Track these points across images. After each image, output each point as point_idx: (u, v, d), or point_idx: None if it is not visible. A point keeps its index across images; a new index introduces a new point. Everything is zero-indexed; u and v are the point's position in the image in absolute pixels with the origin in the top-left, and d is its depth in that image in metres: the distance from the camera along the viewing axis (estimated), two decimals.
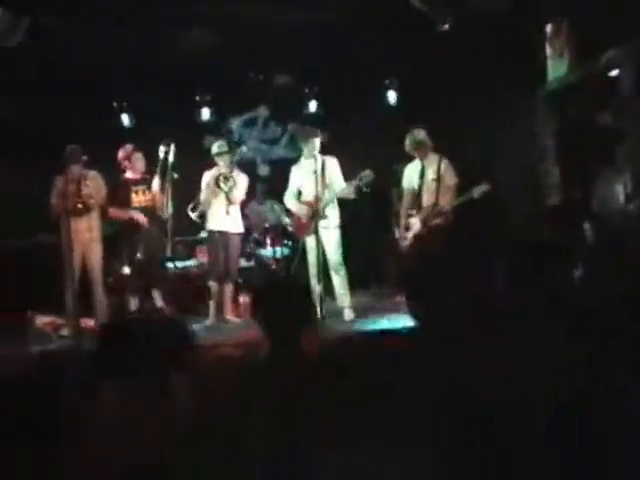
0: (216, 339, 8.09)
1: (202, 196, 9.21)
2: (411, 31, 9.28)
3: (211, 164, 9.35)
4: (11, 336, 8.22)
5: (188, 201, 9.29)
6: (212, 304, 9.15)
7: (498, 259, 3.68)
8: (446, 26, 8.34)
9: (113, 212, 9.15)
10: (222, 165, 9.20)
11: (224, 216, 9.15)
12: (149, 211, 9.13)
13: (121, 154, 9.24)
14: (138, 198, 9.15)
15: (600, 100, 9.05)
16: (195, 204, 9.21)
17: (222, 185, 9.03)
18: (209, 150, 9.51)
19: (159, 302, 9.17)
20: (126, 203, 9.15)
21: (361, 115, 11.29)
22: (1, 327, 8.24)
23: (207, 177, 9.24)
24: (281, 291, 3.66)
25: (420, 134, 8.87)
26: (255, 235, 10.84)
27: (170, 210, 8.73)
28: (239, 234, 9.38)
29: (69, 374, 3.36)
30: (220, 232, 9.19)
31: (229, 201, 9.07)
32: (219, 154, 9.22)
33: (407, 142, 8.92)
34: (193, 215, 9.26)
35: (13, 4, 7.82)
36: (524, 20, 9.08)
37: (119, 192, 9.15)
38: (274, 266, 10.49)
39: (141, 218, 9.08)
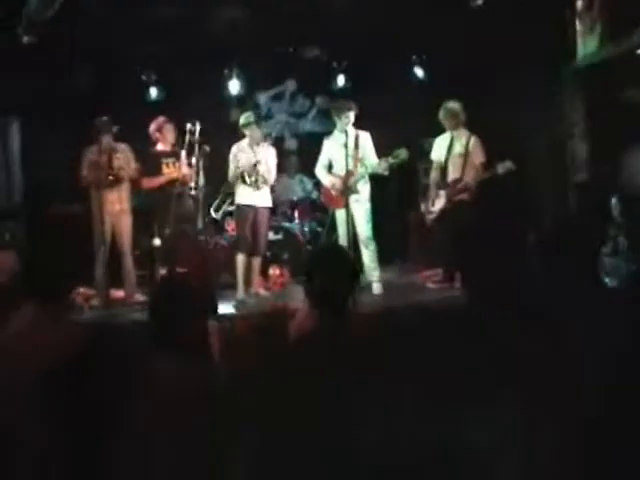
0: (249, 311, 8.16)
1: (230, 174, 9.22)
2: (442, 6, 9.26)
3: (239, 137, 9.33)
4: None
5: (216, 174, 9.33)
6: (240, 277, 9.07)
7: (527, 236, 3.71)
8: (479, 1, 8.31)
9: (146, 182, 9.16)
10: (250, 136, 9.18)
11: (252, 191, 9.12)
12: (179, 183, 9.13)
13: (152, 126, 9.25)
14: (169, 170, 9.12)
15: (630, 77, 9.03)
16: (218, 204, 9.23)
17: (247, 179, 9.05)
18: (236, 123, 9.51)
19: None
20: (157, 175, 9.16)
21: (389, 90, 11.24)
22: None
23: (235, 150, 9.23)
24: (332, 260, 3.69)
25: (455, 105, 8.91)
26: (283, 208, 10.84)
27: (202, 182, 8.77)
28: (268, 208, 9.34)
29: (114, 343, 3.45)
30: (248, 206, 9.15)
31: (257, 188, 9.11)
32: (246, 124, 9.20)
33: (441, 111, 8.97)
34: (217, 215, 9.28)
35: None
36: None
37: (150, 164, 9.17)
38: (302, 239, 10.50)
39: (176, 173, 9.06)
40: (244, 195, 9.17)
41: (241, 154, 9.17)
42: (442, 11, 9.47)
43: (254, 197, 9.14)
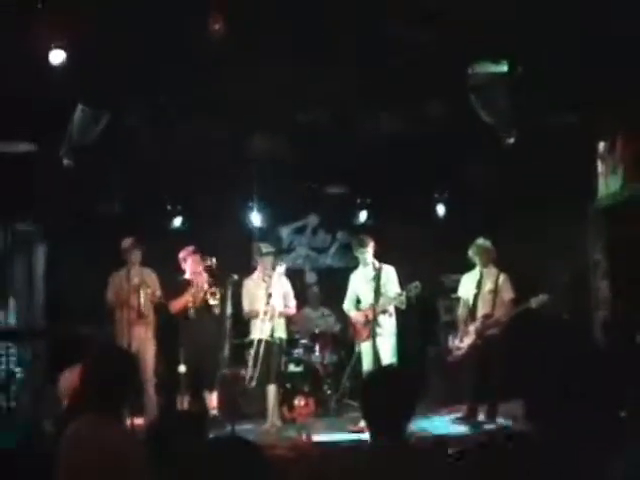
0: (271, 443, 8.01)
1: (245, 307, 9.39)
2: (471, 144, 9.49)
3: (251, 270, 9.54)
4: None
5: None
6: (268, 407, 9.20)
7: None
8: (511, 140, 8.49)
9: (174, 306, 9.22)
10: (263, 266, 9.40)
11: (265, 323, 9.24)
12: (205, 311, 9.17)
13: (180, 255, 9.37)
14: (194, 298, 9.18)
15: None
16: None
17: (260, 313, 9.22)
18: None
19: (212, 403, 9.14)
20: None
21: (410, 226, 11.37)
22: None
23: (248, 284, 9.44)
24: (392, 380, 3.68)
25: (486, 242, 9.03)
26: (305, 341, 10.82)
27: (229, 311, 8.78)
28: (280, 339, 9.44)
29: None
30: (260, 339, 9.25)
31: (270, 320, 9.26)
32: (264, 254, 9.44)
33: (471, 248, 9.10)
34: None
35: (95, 101, 8.08)
36: (578, 136, 9.26)
37: (178, 291, 9.24)
38: (322, 372, 10.46)
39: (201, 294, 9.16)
40: (257, 328, 9.27)
41: (253, 287, 9.35)
42: (469, 149, 9.70)
43: (266, 329, 9.24)
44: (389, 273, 9.10)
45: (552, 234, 10.24)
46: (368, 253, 9.08)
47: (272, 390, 9.24)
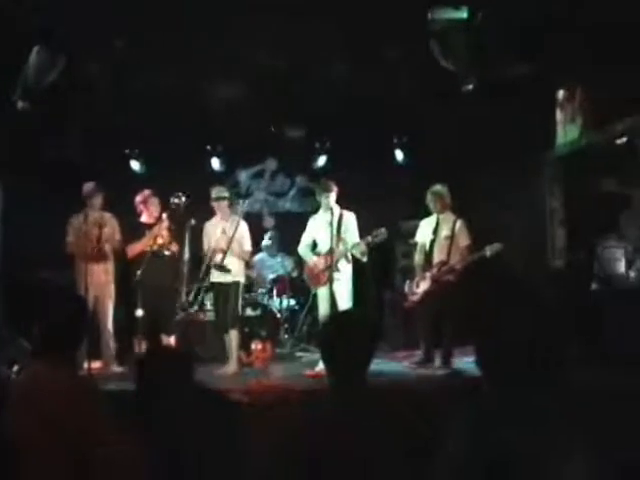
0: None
1: (204, 251, 9.31)
2: (430, 89, 9.50)
3: (212, 213, 9.42)
4: None
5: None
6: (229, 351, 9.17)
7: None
8: (470, 86, 8.50)
9: (130, 250, 9.11)
10: (220, 211, 9.30)
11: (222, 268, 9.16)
12: (162, 255, 9.10)
13: (138, 198, 9.28)
14: (152, 242, 9.10)
15: (608, 166, 9.28)
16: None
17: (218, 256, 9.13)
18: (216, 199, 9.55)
19: None
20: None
21: (369, 171, 11.40)
22: None
23: (207, 227, 9.35)
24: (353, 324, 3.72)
25: (442, 188, 9.04)
26: (262, 285, 10.88)
27: (187, 255, 8.74)
28: (238, 283, 9.34)
29: None
30: (220, 282, 9.25)
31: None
32: (217, 199, 9.31)
33: (428, 194, 9.09)
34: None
35: (52, 43, 7.93)
36: (538, 85, 9.28)
37: (134, 234, 9.14)
38: (279, 316, 10.54)
39: (160, 240, 9.04)
40: (215, 272, 9.22)
41: (212, 231, 9.26)
42: (429, 94, 9.71)
43: (224, 273, 9.18)
44: (350, 220, 9.08)
45: (510, 182, 10.29)
46: (331, 198, 9.04)
47: (233, 334, 9.17)
